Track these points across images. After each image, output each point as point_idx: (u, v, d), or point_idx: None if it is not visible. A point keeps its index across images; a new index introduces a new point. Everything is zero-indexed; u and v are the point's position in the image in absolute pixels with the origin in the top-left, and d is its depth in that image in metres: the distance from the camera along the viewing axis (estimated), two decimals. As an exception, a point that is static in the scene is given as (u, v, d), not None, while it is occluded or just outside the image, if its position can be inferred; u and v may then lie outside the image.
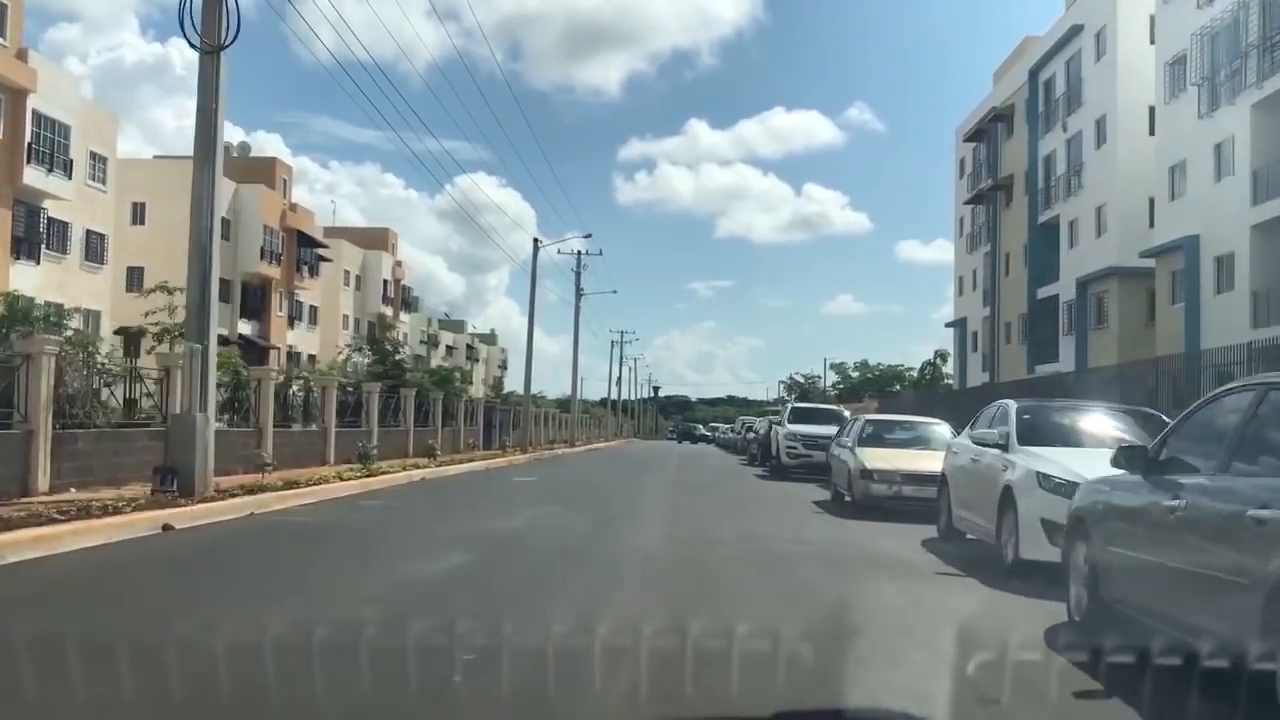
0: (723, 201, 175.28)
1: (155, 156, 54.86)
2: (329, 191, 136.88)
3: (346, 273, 67.93)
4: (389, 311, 73.66)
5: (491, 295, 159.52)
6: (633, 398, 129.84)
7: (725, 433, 65.67)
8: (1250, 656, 3.84)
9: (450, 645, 4.49)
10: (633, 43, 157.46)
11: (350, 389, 26.69)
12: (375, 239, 73.68)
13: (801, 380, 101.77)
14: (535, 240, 40.20)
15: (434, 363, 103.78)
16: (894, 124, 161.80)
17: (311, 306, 61.25)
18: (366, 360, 33.19)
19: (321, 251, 60.41)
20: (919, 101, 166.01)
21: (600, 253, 57.53)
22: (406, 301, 77.93)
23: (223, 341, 50.90)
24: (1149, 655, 4.03)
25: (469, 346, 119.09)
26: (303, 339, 58.71)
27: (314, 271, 60.26)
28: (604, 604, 6.73)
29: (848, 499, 15.61)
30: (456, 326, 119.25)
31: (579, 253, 56.95)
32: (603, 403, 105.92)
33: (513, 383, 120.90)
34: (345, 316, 67.89)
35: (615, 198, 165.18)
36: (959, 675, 4.24)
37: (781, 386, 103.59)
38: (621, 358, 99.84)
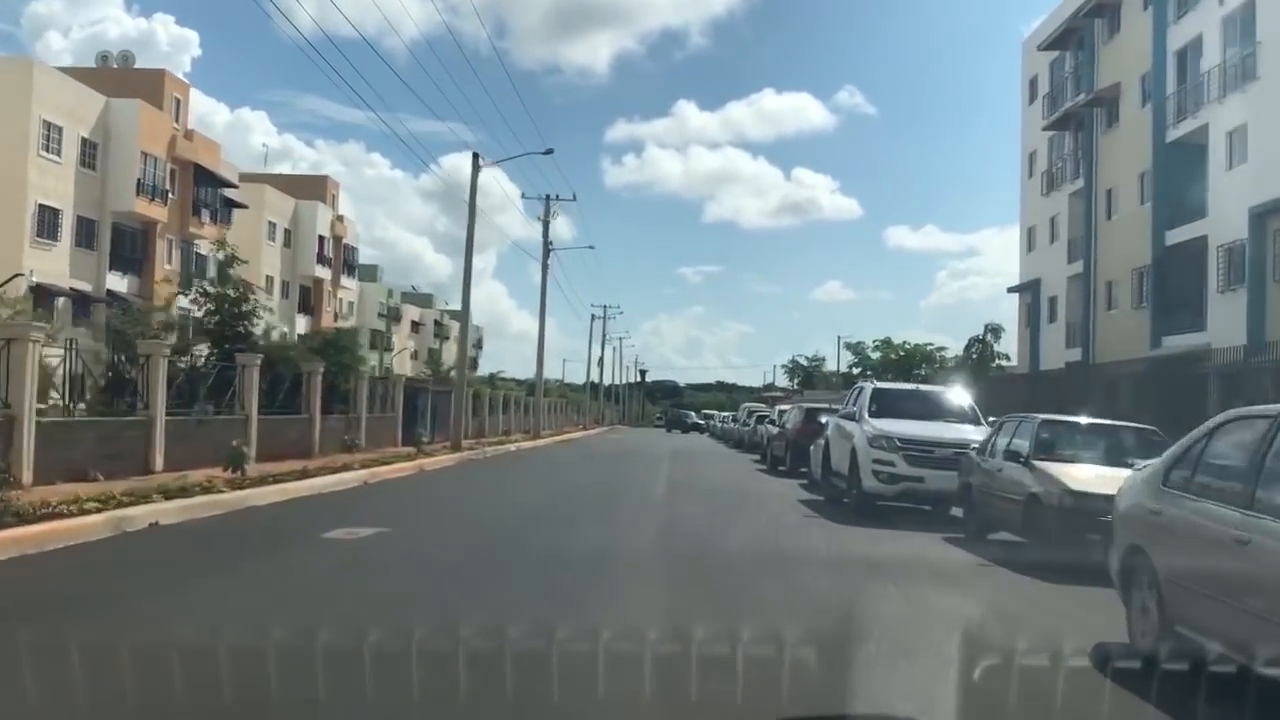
0: (711, 185, 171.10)
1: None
2: (315, 169, 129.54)
3: (272, 225, 56.56)
4: (326, 274, 62.31)
5: (478, 277, 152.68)
6: (618, 382, 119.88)
7: (725, 421, 54.53)
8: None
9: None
10: (622, 21, 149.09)
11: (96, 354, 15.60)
12: (310, 187, 62.17)
13: (805, 363, 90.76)
14: (475, 156, 28.99)
15: (397, 341, 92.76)
16: (886, 108, 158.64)
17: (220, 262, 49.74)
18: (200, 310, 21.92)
19: (232, 194, 48.94)
20: (911, 86, 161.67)
21: (574, 198, 46.20)
22: (350, 264, 66.48)
23: (81, 297, 39.75)
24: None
25: (437, 323, 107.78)
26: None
27: (219, 218, 48.78)
28: None
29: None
30: (424, 301, 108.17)
31: (548, 197, 45.90)
32: (588, 387, 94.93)
33: (497, 365, 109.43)
34: (269, 278, 56.46)
35: (603, 181, 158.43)
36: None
37: (781, 370, 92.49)
38: (604, 335, 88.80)
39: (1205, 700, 4.24)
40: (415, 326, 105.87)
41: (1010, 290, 42.29)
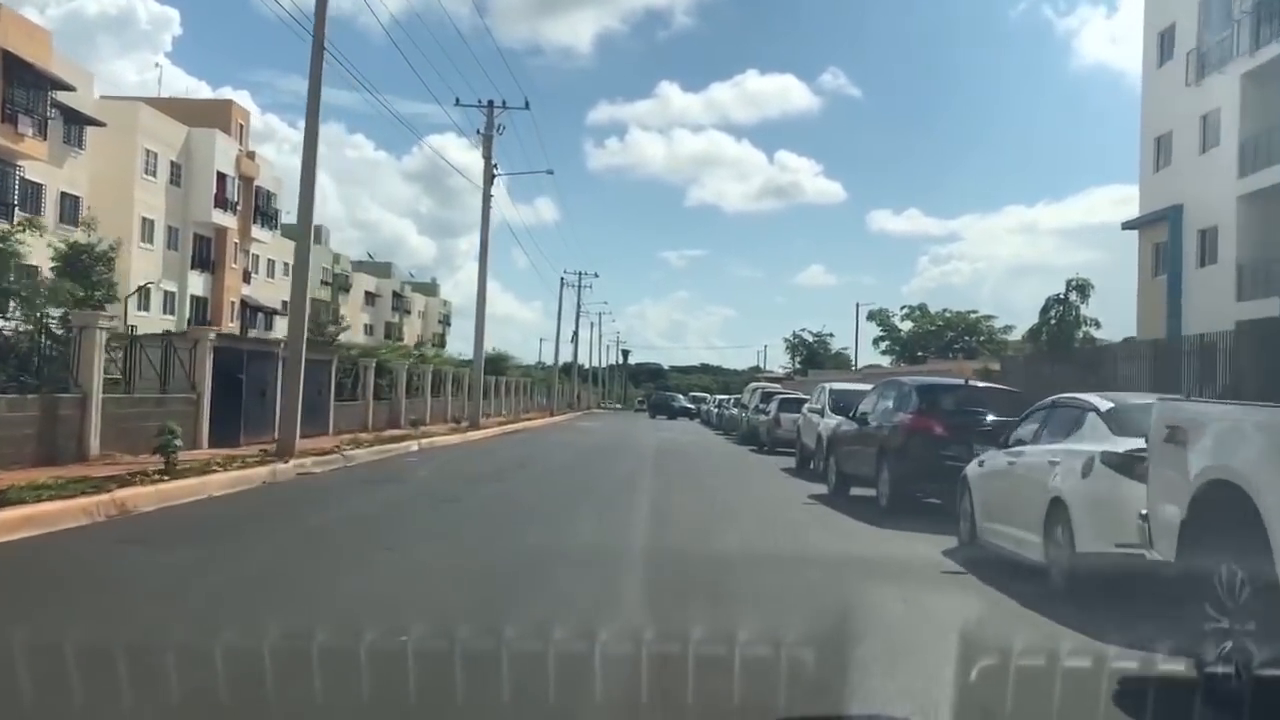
0: (694, 168, 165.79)
1: None
2: (298, 151, 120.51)
3: (150, 155, 44.38)
4: (231, 222, 50.07)
5: (462, 260, 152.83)
6: (600, 363, 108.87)
7: (726, 406, 42.64)
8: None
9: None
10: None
11: None
12: (208, 113, 49.82)
13: (810, 338, 79.14)
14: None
15: (348, 314, 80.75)
16: (870, 90, 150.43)
17: (67, 195, 37.71)
18: None
19: (71, 102, 36.64)
20: (896, 68, 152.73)
21: (526, 105, 34.13)
22: (265, 212, 54.22)
23: None
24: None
25: (397, 295, 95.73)
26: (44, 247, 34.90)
27: (64, 136, 36.79)
28: None
29: None
30: (382, 270, 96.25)
31: (489, 104, 34.03)
32: (565, 369, 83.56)
33: (464, 345, 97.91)
34: (149, 221, 44.42)
35: (586, 164, 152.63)
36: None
37: (783, 346, 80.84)
38: (579, 306, 77.04)
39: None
40: (370, 298, 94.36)
41: (1127, 226, 30.53)
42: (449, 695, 3.76)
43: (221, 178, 48.52)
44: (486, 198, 33.53)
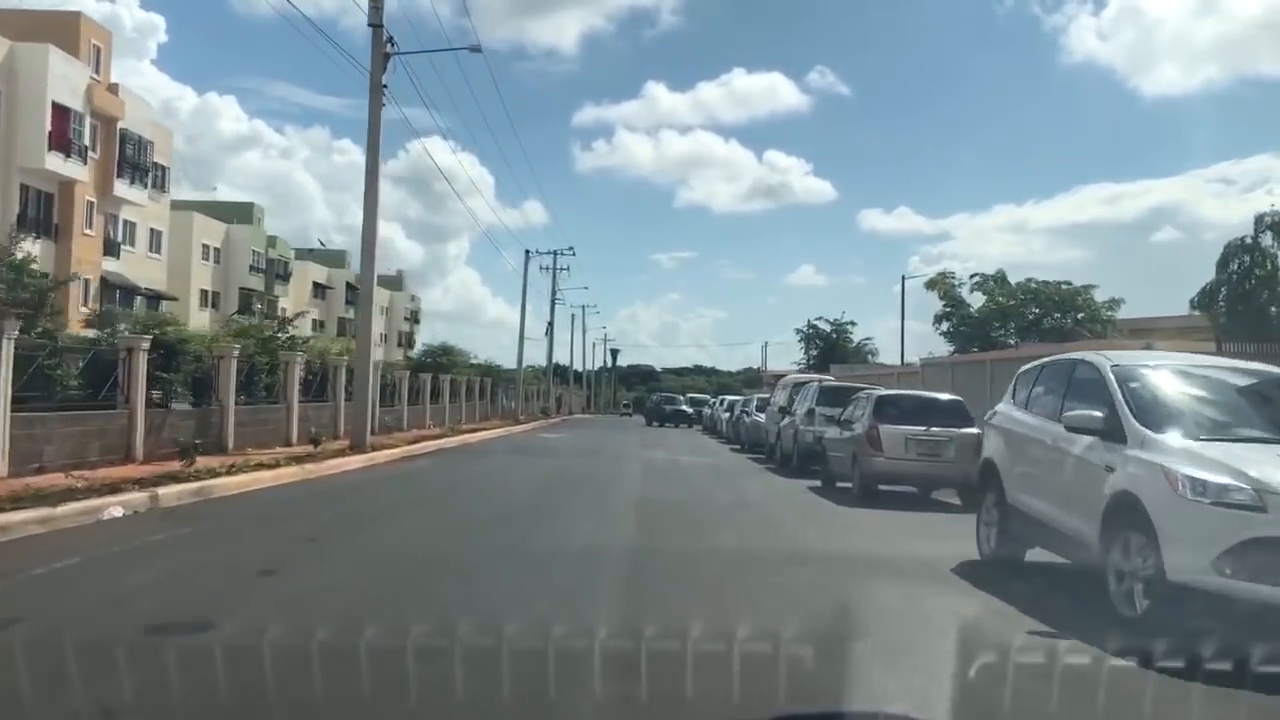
0: (683, 170, 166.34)
1: None
2: (285, 156, 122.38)
3: (-58, 72, 31.94)
4: (82, 172, 37.40)
5: (452, 264, 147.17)
6: (590, 365, 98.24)
7: (747, 411, 30.00)
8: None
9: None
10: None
11: None
12: (48, 27, 37.21)
13: (828, 328, 66.61)
14: None
15: (291, 306, 68.09)
16: (859, 88, 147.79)
17: None
18: None
19: None
20: (884, 65, 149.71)
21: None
22: (138, 164, 41.42)
23: None
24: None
25: (350, 286, 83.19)
26: None
27: None
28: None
29: None
30: (334, 259, 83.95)
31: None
32: (560, 372, 71.34)
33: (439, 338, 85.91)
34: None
35: (574, 167, 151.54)
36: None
37: (797, 339, 68.27)
38: (554, 291, 64.70)
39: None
40: (320, 290, 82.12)
41: None
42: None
43: (63, 112, 35.98)
44: (377, 87, 21.25)
